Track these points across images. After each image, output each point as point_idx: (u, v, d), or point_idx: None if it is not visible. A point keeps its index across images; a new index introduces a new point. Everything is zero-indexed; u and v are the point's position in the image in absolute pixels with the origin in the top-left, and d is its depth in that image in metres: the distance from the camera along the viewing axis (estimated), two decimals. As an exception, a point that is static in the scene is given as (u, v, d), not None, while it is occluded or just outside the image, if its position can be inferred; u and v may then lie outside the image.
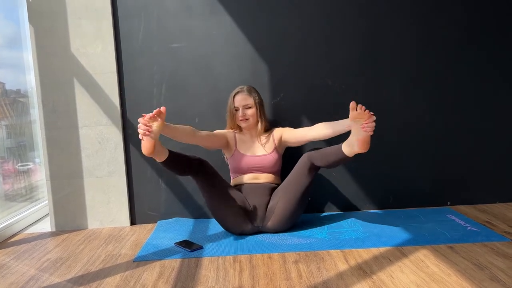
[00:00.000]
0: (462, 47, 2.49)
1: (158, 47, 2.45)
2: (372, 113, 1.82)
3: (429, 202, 2.55)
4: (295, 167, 2.17)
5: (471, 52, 2.50)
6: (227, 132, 2.33)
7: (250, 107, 2.24)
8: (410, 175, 2.54)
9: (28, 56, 2.81)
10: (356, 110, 1.80)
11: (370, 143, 1.87)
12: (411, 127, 2.52)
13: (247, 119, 2.24)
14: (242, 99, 2.23)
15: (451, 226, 2.15)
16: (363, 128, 1.82)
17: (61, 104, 2.41)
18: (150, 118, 1.83)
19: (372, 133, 1.84)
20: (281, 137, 2.31)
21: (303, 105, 2.49)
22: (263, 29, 2.46)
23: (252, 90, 2.27)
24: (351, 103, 1.80)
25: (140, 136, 1.86)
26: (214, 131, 2.29)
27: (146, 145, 1.86)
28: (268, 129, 2.36)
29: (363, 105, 1.80)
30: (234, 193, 2.16)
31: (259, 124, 2.28)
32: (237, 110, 2.25)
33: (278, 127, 2.36)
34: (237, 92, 2.25)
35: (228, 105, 2.29)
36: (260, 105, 2.28)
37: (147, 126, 1.83)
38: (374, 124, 1.82)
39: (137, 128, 1.86)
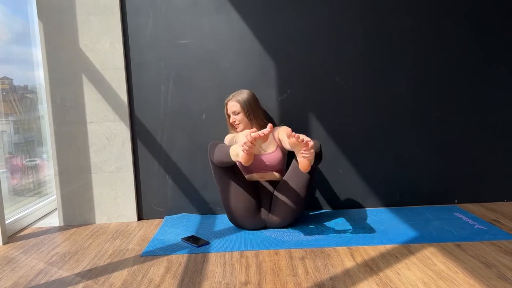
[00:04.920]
0: (472, 44, 2.47)
1: (165, 43, 2.45)
2: (309, 140, 1.77)
3: (436, 200, 2.54)
4: (294, 160, 2.19)
5: (480, 49, 2.48)
6: (233, 136, 2.34)
7: (238, 113, 2.31)
8: (417, 173, 2.53)
9: (37, 52, 2.82)
10: (292, 139, 1.77)
11: (309, 166, 1.85)
12: (418, 124, 2.51)
13: (238, 124, 2.33)
14: (231, 106, 2.33)
15: (458, 224, 2.14)
16: (301, 154, 1.82)
17: (70, 99, 2.43)
18: (255, 138, 1.79)
19: (310, 159, 1.81)
20: (278, 136, 2.31)
21: (310, 102, 2.48)
22: (270, 25, 2.45)
23: (240, 96, 2.30)
24: (287, 131, 1.81)
25: (243, 150, 1.82)
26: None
27: (247, 159, 1.83)
28: None
29: (300, 134, 1.77)
30: (247, 185, 2.19)
31: (251, 126, 2.33)
32: (229, 116, 2.36)
33: (281, 125, 2.37)
34: (228, 100, 2.35)
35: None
36: (248, 108, 2.29)
37: (252, 143, 1.80)
38: (312, 152, 1.80)
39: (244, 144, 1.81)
